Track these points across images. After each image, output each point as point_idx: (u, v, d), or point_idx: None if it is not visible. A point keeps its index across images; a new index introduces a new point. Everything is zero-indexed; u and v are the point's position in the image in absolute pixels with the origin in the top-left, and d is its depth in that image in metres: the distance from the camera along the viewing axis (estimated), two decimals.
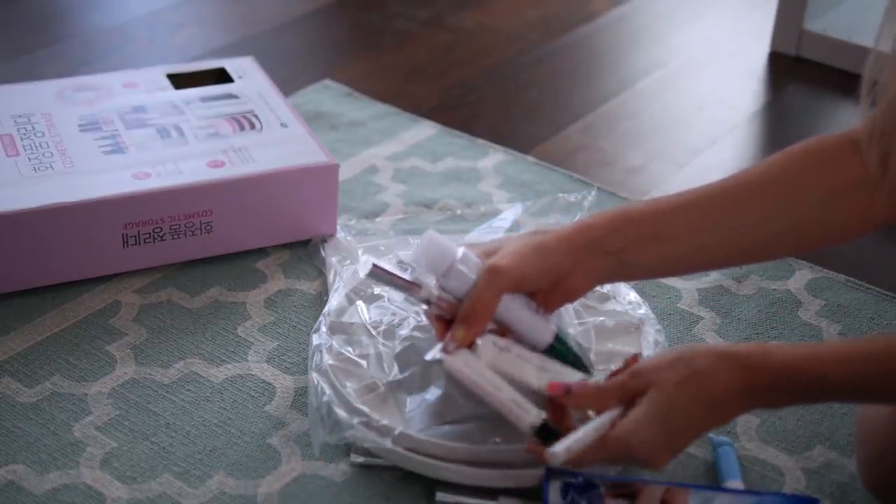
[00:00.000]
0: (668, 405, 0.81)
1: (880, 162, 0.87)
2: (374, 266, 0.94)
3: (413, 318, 1.06)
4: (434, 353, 0.91)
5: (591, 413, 0.87)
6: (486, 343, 0.91)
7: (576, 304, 1.10)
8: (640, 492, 0.89)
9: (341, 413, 0.95)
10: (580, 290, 0.92)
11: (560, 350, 0.94)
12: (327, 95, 1.53)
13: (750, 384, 0.81)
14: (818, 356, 0.81)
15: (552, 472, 0.89)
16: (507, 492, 0.92)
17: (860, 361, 0.80)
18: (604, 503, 0.88)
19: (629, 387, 0.85)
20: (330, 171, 1.20)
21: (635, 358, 0.90)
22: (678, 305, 1.16)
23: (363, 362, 1.02)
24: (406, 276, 0.95)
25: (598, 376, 0.97)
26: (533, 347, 0.94)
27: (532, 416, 0.88)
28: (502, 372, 0.90)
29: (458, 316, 0.91)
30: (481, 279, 0.89)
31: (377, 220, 1.28)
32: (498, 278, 0.89)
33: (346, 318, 1.07)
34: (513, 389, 0.89)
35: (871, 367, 0.80)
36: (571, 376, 0.91)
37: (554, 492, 0.88)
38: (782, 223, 0.91)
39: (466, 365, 0.90)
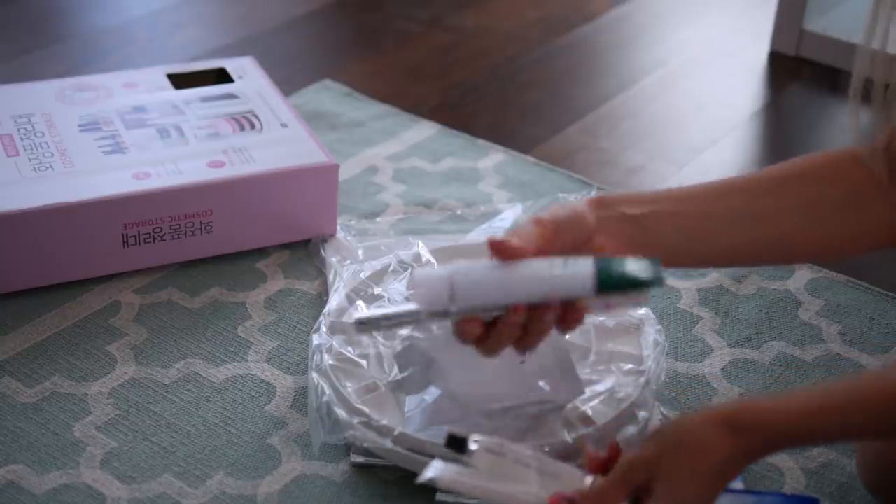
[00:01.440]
0: (678, 492, 0.79)
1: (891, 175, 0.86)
2: (359, 321, 0.85)
3: None
4: (428, 474, 0.83)
5: None
6: (480, 451, 0.84)
7: None
8: None
9: (341, 413, 0.95)
10: (609, 250, 0.88)
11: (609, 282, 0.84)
12: (327, 95, 1.53)
13: (744, 446, 0.80)
14: (810, 410, 0.79)
15: None
16: None
17: (853, 413, 0.79)
18: None
19: (631, 483, 0.82)
20: (330, 171, 1.20)
21: (616, 448, 0.86)
22: (678, 305, 1.16)
23: (363, 362, 1.02)
24: (396, 308, 0.87)
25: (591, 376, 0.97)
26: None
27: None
28: (501, 481, 0.84)
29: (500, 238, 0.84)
30: (522, 224, 0.86)
31: (377, 220, 1.28)
32: (539, 223, 0.84)
33: (346, 318, 1.07)
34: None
35: (862, 416, 0.79)
36: (572, 475, 0.86)
37: None
38: (802, 217, 0.89)
39: (460, 474, 0.83)
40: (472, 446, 0.84)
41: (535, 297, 0.83)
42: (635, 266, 0.83)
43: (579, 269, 0.83)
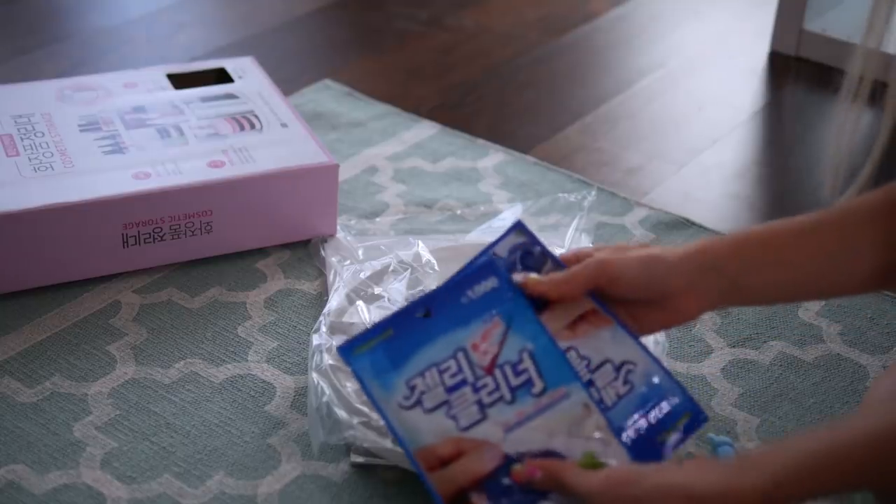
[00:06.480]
0: None
1: None
2: None
3: None
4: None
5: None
6: None
7: None
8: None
9: (341, 413, 0.95)
10: (688, 312, 0.89)
11: None
12: (327, 95, 1.53)
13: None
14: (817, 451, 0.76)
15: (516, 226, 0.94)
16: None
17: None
18: (544, 267, 0.92)
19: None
20: (330, 171, 1.20)
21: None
22: None
23: None
24: None
25: None
26: None
27: None
28: None
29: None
30: (584, 264, 0.89)
31: (377, 220, 1.28)
32: (600, 267, 0.88)
33: (346, 318, 1.07)
34: None
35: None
36: None
37: (504, 246, 0.93)
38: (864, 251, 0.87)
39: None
40: None
41: None
42: None
43: None
